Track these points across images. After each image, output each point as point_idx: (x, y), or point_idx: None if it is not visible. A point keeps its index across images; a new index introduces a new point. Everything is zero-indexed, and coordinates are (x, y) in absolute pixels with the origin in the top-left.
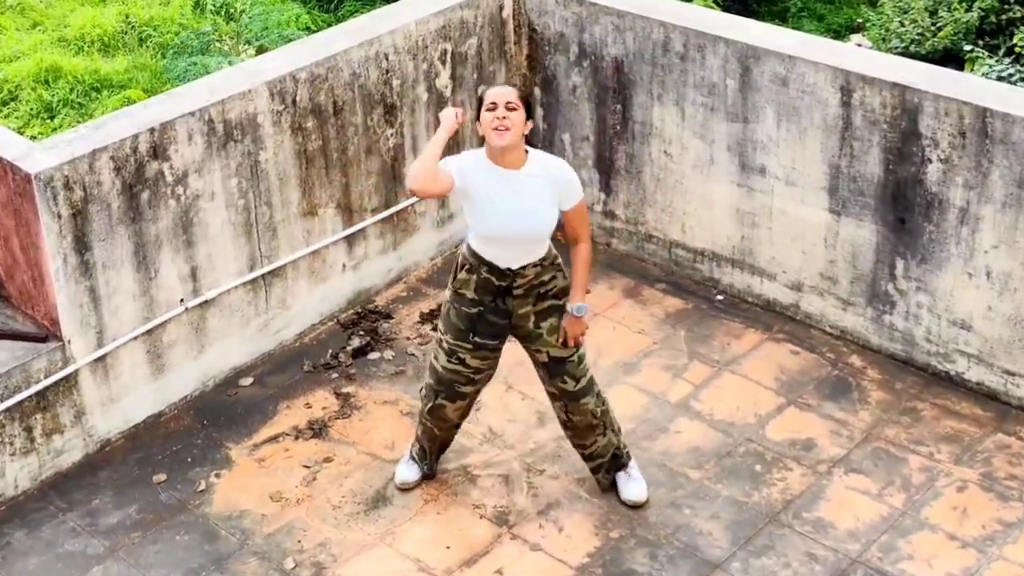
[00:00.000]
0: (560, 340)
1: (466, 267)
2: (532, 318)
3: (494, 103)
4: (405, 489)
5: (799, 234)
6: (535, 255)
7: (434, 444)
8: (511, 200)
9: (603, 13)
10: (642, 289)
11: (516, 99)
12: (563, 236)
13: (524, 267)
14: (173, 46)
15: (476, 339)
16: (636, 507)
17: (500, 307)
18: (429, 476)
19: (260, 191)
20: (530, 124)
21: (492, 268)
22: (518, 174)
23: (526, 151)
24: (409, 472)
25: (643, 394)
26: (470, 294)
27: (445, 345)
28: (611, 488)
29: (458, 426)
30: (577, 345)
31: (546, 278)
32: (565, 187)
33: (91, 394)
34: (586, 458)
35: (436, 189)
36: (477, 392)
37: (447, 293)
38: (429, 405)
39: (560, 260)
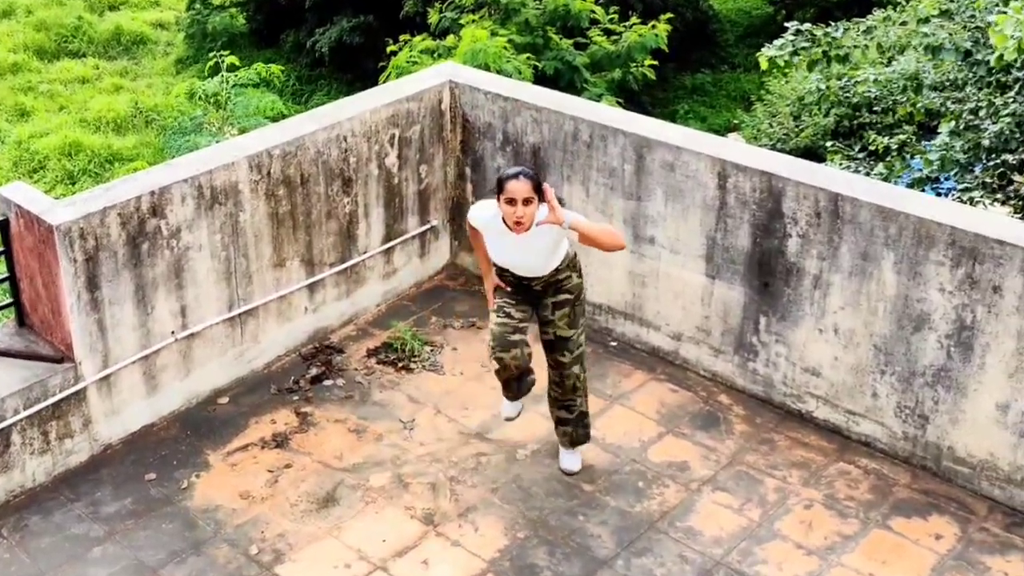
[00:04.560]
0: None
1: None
2: (550, 307)
3: (513, 199)
4: (509, 420)
5: (680, 293)
6: (548, 269)
7: (512, 382)
8: (518, 253)
9: (524, 107)
10: None
11: (531, 191)
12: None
13: (539, 276)
14: (171, 128)
15: (519, 296)
16: (571, 475)
17: (530, 291)
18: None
19: (239, 245)
20: (544, 192)
21: (512, 274)
22: (526, 236)
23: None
24: (508, 409)
25: (549, 420)
26: (508, 277)
27: (495, 306)
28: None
29: (523, 376)
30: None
31: (561, 277)
32: (562, 232)
33: (97, 406)
34: (561, 421)
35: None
36: (525, 343)
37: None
38: (496, 366)
39: (577, 261)
